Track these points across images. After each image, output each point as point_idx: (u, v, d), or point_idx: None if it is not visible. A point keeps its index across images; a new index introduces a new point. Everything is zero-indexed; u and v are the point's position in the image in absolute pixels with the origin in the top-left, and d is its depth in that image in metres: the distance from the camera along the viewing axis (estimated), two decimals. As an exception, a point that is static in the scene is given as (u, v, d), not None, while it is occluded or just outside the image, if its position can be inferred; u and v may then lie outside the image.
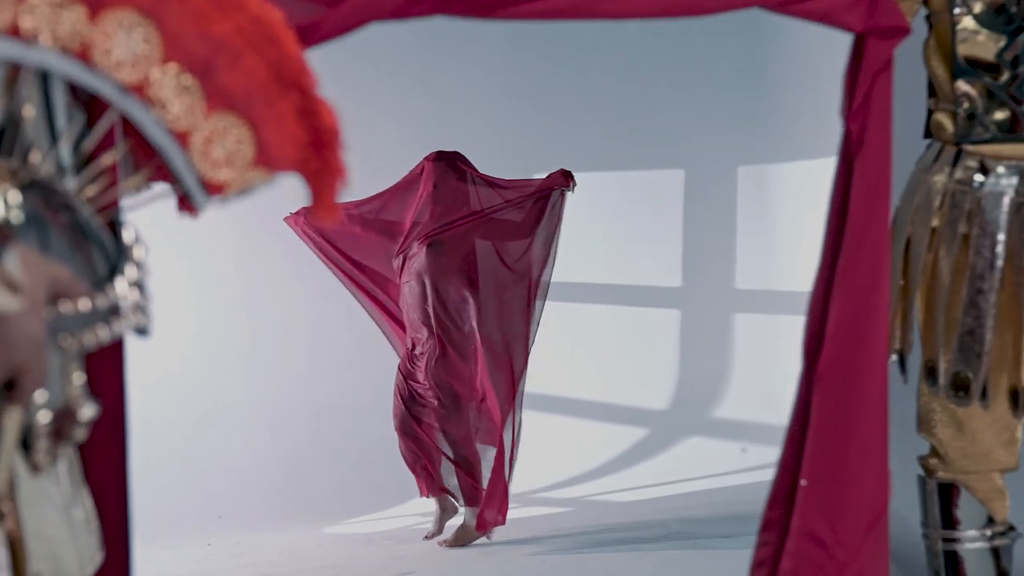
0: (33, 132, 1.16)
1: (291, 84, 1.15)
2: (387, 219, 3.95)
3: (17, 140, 1.14)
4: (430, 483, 3.90)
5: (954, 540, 2.54)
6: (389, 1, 1.75)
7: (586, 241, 5.02)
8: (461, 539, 3.83)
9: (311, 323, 5.10)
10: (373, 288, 4.04)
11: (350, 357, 4.95)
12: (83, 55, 1.10)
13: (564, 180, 3.94)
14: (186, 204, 1.17)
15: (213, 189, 1.15)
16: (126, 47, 1.11)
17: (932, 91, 2.46)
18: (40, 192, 1.13)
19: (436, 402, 3.84)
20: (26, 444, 1.10)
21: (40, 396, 1.08)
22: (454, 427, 3.85)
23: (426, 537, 3.93)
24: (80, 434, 1.13)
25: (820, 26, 2.12)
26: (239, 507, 4.43)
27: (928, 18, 2.44)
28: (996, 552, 2.55)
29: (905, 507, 2.65)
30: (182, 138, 1.13)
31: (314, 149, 1.16)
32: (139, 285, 1.16)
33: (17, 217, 1.10)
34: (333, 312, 4.84)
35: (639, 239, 5.47)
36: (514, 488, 3.92)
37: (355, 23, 1.75)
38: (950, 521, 2.54)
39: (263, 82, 1.15)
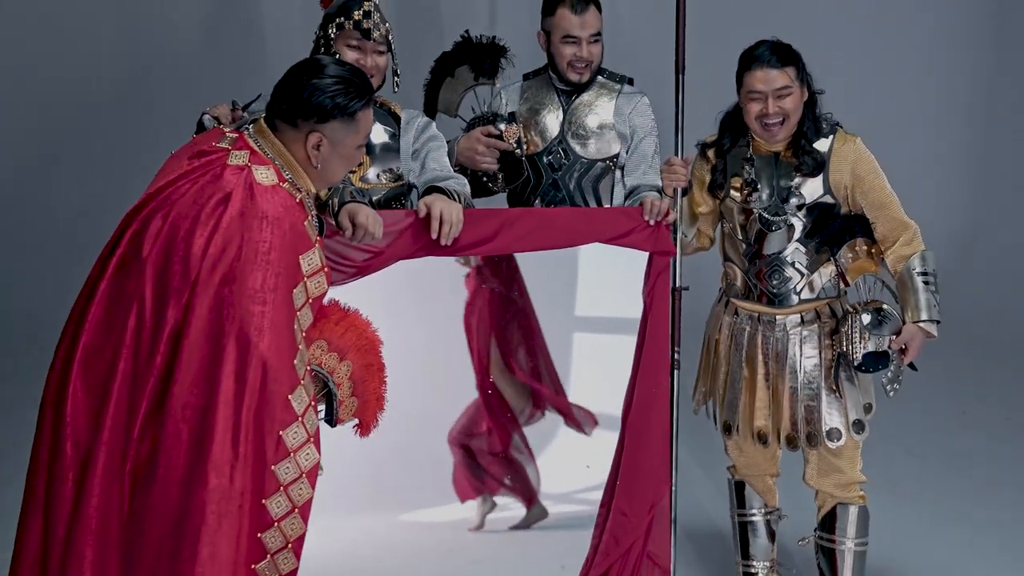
0: None
1: (379, 392, 3.10)
2: None
3: None
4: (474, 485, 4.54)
5: (745, 516, 4.02)
6: (403, 251, 3.36)
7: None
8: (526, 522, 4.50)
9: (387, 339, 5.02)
10: None
11: (425, 373, 5.07)
12: (331, 372, 2.99)
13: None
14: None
15: (338, 422, 3.03)
16: (342, 370, 3.03)
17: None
18: None
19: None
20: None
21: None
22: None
23: (470, 529, 4.54)
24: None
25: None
26: (334, 495, 4.42)
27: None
28: (769, 524, 4.05)
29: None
30: (340, 403, 3.03)
31: (372, 416, 3.09)
32: None
33: None
34: (409, 331, 4.93)
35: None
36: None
37: (387, 263, 3.35)
38: (743, 504, 4.00)
39: (373, 388, 3.08)
